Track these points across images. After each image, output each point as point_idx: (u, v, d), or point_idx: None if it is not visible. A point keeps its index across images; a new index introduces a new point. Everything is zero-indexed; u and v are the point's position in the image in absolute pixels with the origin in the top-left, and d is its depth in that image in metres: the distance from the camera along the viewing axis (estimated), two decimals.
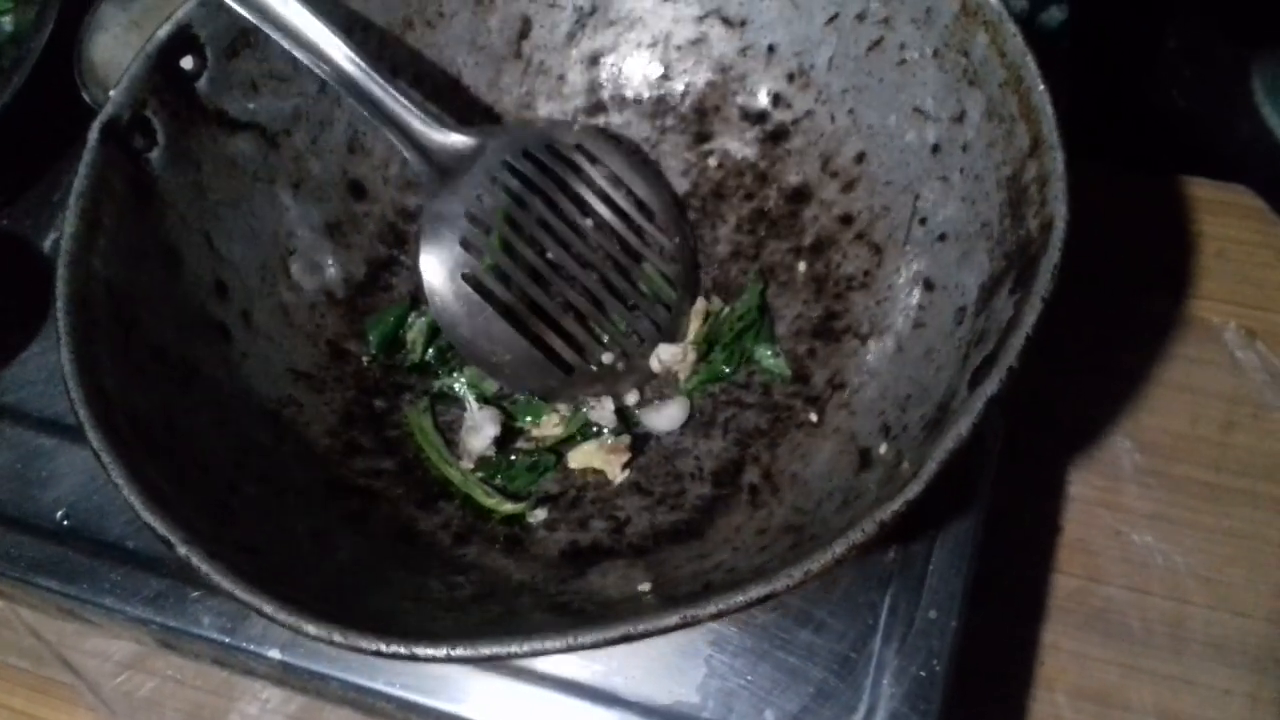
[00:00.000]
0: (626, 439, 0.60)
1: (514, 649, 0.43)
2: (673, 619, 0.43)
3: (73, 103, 0.72)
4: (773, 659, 0.57)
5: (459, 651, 0.44)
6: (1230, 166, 0.78)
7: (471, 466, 0.61)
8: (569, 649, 0.43)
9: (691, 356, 0.62)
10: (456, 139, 0.61)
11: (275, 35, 0.58)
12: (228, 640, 0.60)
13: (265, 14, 0.58)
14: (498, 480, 0.60)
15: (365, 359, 0.64)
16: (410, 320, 0.65)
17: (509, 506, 0.59)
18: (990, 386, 0.45)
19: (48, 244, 0.73)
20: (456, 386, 0.64)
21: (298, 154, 0.65)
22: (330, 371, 0.63)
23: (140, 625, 0.62)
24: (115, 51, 0.74)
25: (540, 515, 0.59)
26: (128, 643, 0.68)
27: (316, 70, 0.58)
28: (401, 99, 0.60)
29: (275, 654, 0.60)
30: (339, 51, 0.58)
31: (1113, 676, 0.66)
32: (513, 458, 0.62)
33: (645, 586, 0.52)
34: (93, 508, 0.65)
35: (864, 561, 0.58)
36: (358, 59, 0.59)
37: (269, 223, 0.63)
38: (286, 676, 0.61)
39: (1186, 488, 0.70)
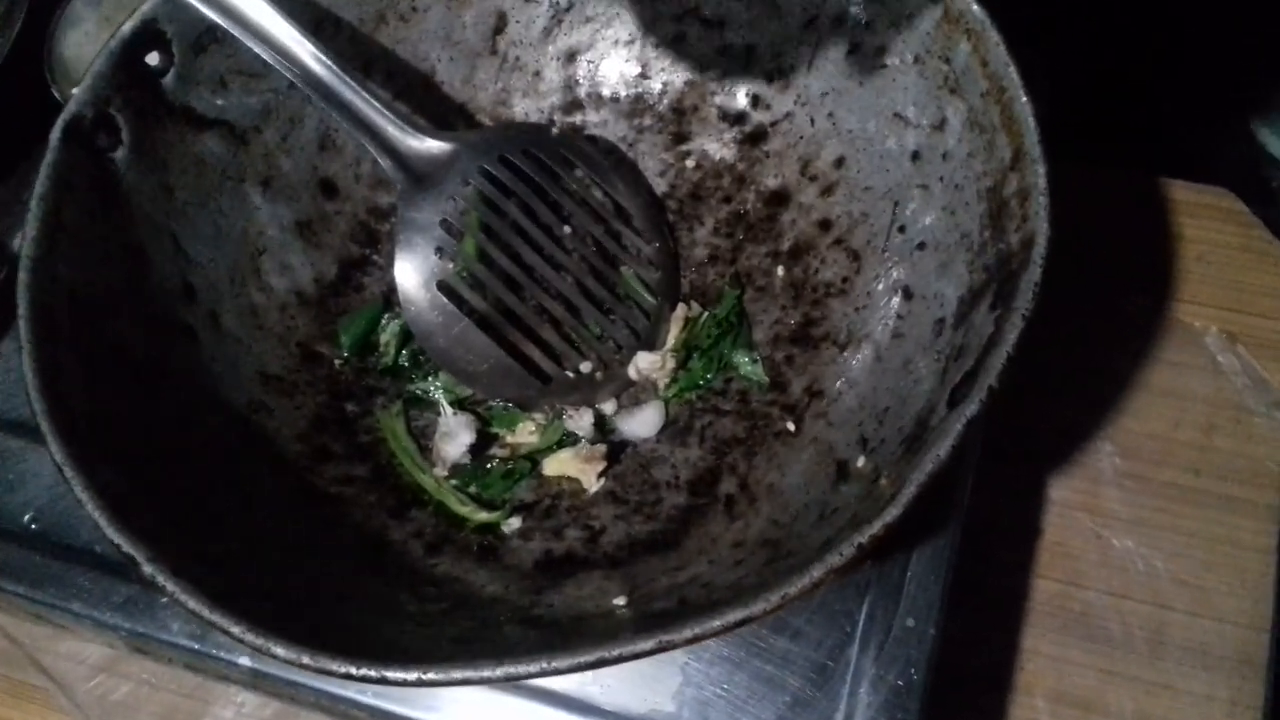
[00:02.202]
0: (603, 448, 0.60)
1: (486, 673, 0.43)
2: (648, 644, 0.42)
3: (43, 99, 0.71)
4: (749, 667, 0.57)
5: (430, 675, 0.43)
6: (1211, 168, 0.78)
7: (445, 473, 0.60)
8: (543, 673, 0.43)
9: (670, 364, 0.62)
10: (431, 144, 0.60)
11: (242, 37, 0.56)
12: (197, 647, 0.60)
13: (230, 13, 0.56)
14: (471, 488, 0.60)
15: (337, 362, 0.63)
16: (384, 322, 0.64)
17: (483, 515, 0.58)
18: (970, 408, 0.44)
19: (16, 243, 0.71)
20: (431, 391, 0.63)
21: (267, 151, 0.63)
22: (301, 375, 0.62)
23: (109, 631, 0.61)
24: (86, 47, 0.72)
25: (514, 524, 0.58)
26: (101, 646, 0.68)
27: (285, 73, 0.57)
28: (374, 103, 0.59)
29: (245, 661, 0.59)
30: (307, 52, 0.57)
31: (1092, 681, 0.65)
32: (488, 465, 0.61)
33: (620, 600, 0.51)
34: (61, 511, 0.64)
35: None
36: (328, 61, 0.57)
37: (238, 222, 0.62)
38: (258, 683, 0.61)
39: (1167, 492, 0.69)
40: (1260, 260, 0.75)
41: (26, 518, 0.64)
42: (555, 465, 0.60)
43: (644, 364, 0.62)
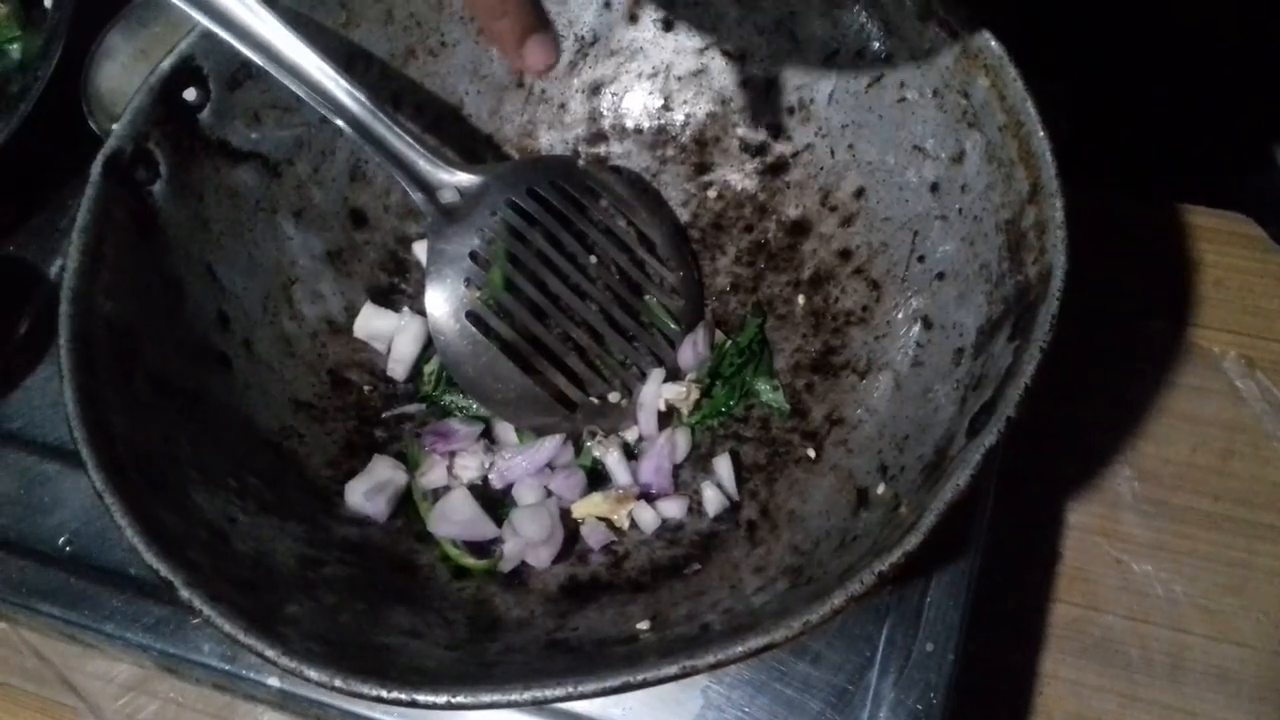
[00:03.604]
0: (636, 489, 0.60)
1: (515, 697, 0.44)
2: (672, 669, 0.43)
3: (79, 131, 0.73)
4: (770, 691, 0.57)
5: (460, 698, 0.44)
6: (1230, 193, 0.78)
7: None
8: (569, 697, 0.44)
9: (695, 394, 0.62)
10: (460, 177, 0.61)
11: (276, 73, 0.58)
12: (228, 668, 0.61)
13: (265, 50, 0.58)
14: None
15: (366, 388, 0.65)
16: (432, 355, 0.65)
17: (470, 561, 0.58)
18: (989, 438, 0.45)
19: (54, 270, 0.73)
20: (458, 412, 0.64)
21: (300, 183, 0.65)
22: (331, 401, 0.63)
23: (141, 651, 0.62)
24: (121, 80, 0.74)
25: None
26: (130, 665, 0.68)
27: (318, 108, 0.59)
28: (405, 137, 0.60)
29: (274, 682, 0.60)
30: (339, 88, 0.59)
31: (1111, 706, 0.65)
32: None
33: (644, 625, 0.52)
34: (95, 534, 0.65)
35: None
36: (360, 96, 0.59)
37: (271, 252, 0.64)
38: (286, 703, 0.61)
39: (1186, 517, 0.69)
40: (1279, 285, 0.75)
41: (61, 540, 0.65)
42: (585, 508, 0.60)
43: (670, 394, 0.62)
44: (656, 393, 0.62)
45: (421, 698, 0.44)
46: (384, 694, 0.44)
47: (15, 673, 0.70)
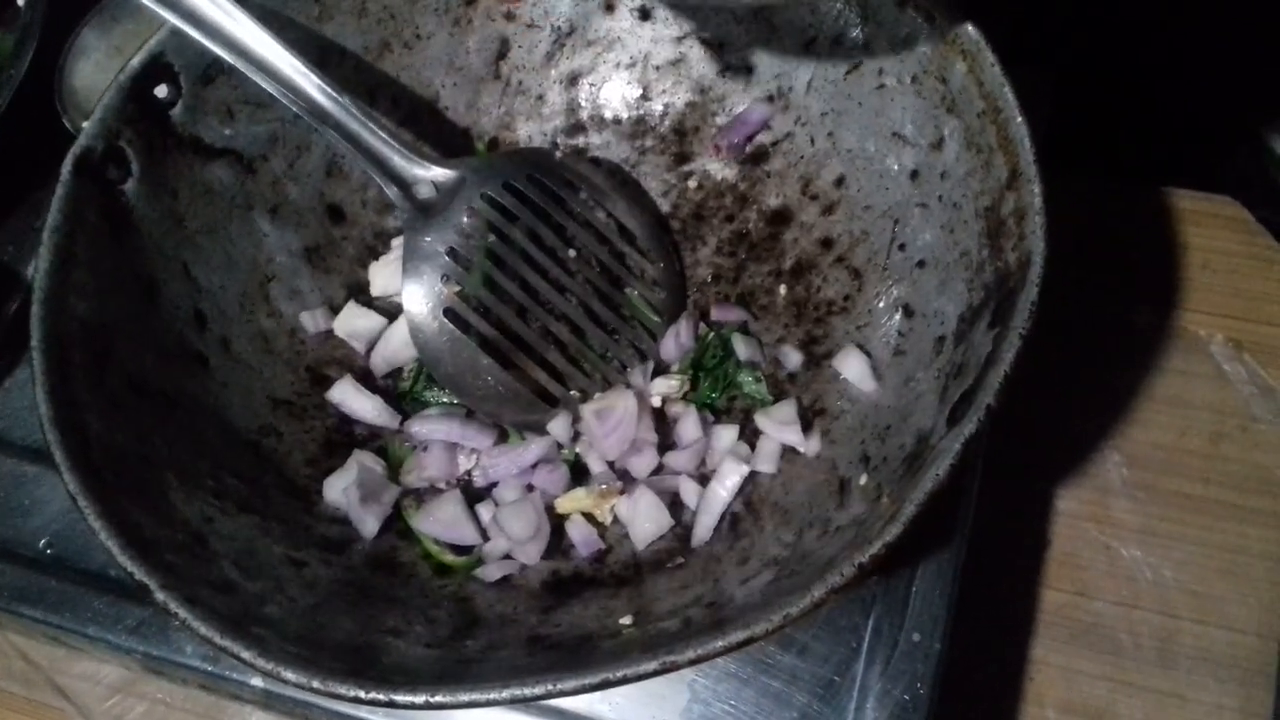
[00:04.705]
0: (619, 484, 0.59)
1: (493, 695, 0.43)
2: (651, 665, 0.43)
3: (53, 129, 0.72)
4: (756, 684, 0.57)
5: (438, 698, 0.44)
6: (1218, 176, 0.78)
7: None
8: (548, 695, 0.43)
9: (687, 387, 0.62)
10: (436, 172, 0.61)
11: (247, 71, 0.57)
12: (211, 668, 0.60)
13: (235, 47, 0.57)
14: None
15: None
16: None
17: (450, 558, 0.58)
18: (968, 426, 0.45)
19: (30, 271, 0.72)
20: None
21: (275, 179, 0.64)
22: (310, 399, 0.63)
23: (124, 653, 0.62)
24: (96, 77, 0.73)
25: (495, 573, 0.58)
26: (117, 667, 0.68)
27: (291, 105, 0.58)
28: (380, 133, 0.59)
29: (258, 682, 0.60)
30: (311, 84, 0.58)
31: (1102, 691, 0.65)
32: None
33: (627, 620, 0.52)
34: (76, 536, 0.65)
35: None
36: (333, 92, 0.58)
37: (247, 250, 0.63)
38: (271, 703, 0.61)
39: (1175, 501, 0.69)
40: (1266, 268, 0.74)
41: (42, 543, 0.65)
42: (569, 503, 0.59)
43: (661, 388, 0.62)
44: (644, 387, 0.62)
45: (399, 698, 0.44)
46: (362, 694, 0.44)
47: (2, 675, 0.70)
